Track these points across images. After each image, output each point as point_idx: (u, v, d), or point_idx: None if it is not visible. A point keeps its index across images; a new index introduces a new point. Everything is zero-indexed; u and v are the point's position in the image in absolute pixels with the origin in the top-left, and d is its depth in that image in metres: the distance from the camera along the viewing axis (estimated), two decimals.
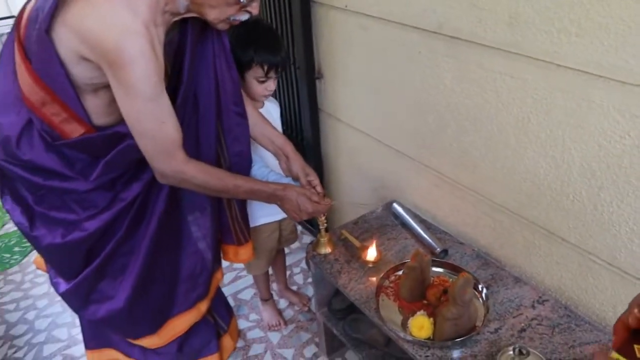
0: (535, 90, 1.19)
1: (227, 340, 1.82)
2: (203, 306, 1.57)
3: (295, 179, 1.52)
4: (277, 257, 2.07)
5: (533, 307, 1.32)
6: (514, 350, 1.14)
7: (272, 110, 1.75)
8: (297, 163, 1.51)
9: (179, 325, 1.54)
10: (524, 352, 1.13)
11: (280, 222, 1.87)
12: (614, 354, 0.62)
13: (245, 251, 1.67)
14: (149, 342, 1.53)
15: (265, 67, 1.54)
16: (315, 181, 1.48)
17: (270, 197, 1.39)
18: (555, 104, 1.16)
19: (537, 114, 1.21)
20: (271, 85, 1.60)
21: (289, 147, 1.53)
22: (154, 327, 1.51)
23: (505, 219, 1.42)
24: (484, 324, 1.26)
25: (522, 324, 1.27)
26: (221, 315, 1.80)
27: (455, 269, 1.43)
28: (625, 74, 1.01)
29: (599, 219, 1.18)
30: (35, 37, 1.06)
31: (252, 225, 1.77)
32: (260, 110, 1.68)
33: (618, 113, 1.05)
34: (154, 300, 1.46)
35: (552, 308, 1.30)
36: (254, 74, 1.56)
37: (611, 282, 1.21)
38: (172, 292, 1.50)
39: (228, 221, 1.59)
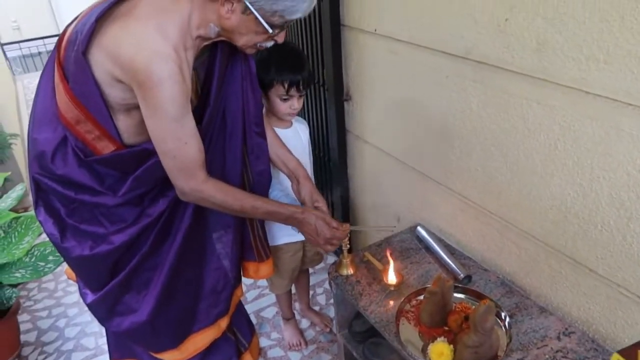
0: (563, 117, 1.17)
1: (247, 358, 1.83)
2: (223, 323, 1.59)
3: (303, 203, 1.53)
4: (301, 277, 2.07)
5: (558, 338, 1.28)
6: None
7: (301, 133, 1.77)
8: (306, 188, 1.53)
9: (199, 340, 1.56)
10: None
11: (304, 242, 1.87)
12: (615, 355, 0.61)
13: (266, 268, 1.68)
14: (170, 356, 1.55)
15: (286, 85, 1.56)
16: (323, 208, 1.49)
17: (288, 219, 1.40)
18: (583, 132, 1.14)
19: (565, 141, 1.19)
20: (295, 103, 1.62)
21: (300, 172, 1.55)
22: (175, 341, 1.53)
23: (531, 246, 1.39)
24: (506, 353, 1.23)
25: (547, 356, 1.23)
26: (243, 332, 1.82)
27: (478, 296, 1.40)
28: None
29: (628, 251, 1.14)
30: (73, 58, 1.12)
31: (275, 243, 1.78)
32: (290, 131, 1.71)
33: None
34: (176, 314, 1.48)
35: (579, 341, 1.26)
36: (276, 92, 1.59)
37: None
38: (194, 308, 1.52)
39: (250, 238, 1.61)
